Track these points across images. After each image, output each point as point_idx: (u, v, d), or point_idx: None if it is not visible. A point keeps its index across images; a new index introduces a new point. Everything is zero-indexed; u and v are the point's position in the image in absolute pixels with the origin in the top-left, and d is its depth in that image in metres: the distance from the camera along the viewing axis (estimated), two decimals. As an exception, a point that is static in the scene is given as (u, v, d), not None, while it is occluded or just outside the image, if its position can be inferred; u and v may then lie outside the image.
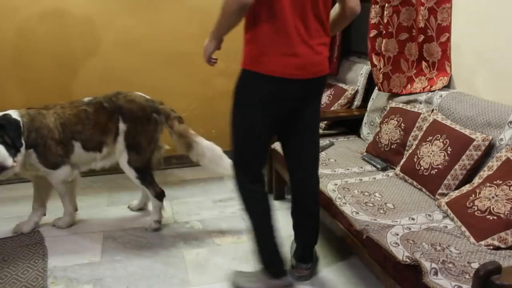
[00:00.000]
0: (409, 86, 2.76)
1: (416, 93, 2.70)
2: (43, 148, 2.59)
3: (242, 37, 1.89)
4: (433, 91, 2.59)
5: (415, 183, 2.33)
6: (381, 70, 2.86)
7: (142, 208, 3.08)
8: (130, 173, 2.73)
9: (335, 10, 2.04)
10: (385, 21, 2.76)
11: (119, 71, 3.49)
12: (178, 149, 2.81)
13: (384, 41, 2.79)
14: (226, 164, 2.66)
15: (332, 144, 3.03)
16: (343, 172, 2.56)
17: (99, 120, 2.67)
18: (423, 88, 2.65)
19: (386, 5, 2.74)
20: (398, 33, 2.74)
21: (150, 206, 2.89)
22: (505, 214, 1.77)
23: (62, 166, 2.67)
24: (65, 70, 3.40)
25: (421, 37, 2.62)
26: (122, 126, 2.67)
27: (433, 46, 2.59)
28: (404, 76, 2.78)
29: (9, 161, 2.41)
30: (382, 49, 2.81)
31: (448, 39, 2.53)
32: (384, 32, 2.79)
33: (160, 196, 2.80)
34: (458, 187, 2.12)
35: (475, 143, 2.11)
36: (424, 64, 2.68)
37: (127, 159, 2.70)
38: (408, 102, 2.74)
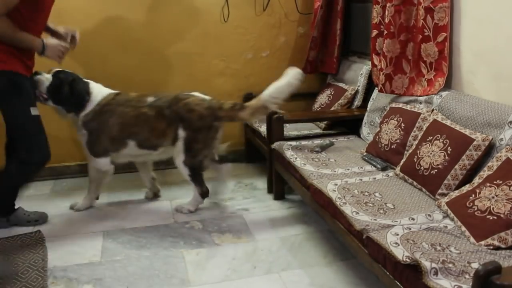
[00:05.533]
0: (411, 87, 2.74)
1: (416, 95, 2.70)
2: (94, 138, 2.79)
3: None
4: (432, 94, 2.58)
5: (415, 183, 2.33)
6: (383, 71, 2.84)
7: (156, 194, 3.22)
8: (184, 171, 2.88)
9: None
10: (386, 21, 2.75)
11: (119, 71, 3.47)
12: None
13: (385, 41, 2.78)
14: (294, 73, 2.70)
15: (332, 144, 3.03)
16: (343, 172, 2.56)
17: (158, 126, 2.79)
18: (423, 91, 2.64)
19: (388, 4, 2.73)
20: (399, 33, 2.73)
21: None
22: (505, 214, 1.77)
23: (102, 157, 2.85)
24: (65, 70, 3.39)
25: (419, 37, 2.60)
26: (181, 133, 2.78)
27: (430, 46, 2.57)
28: (406, 77, 2.77)
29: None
30: (384, 49, 2.80)
31: (446, 38, 2.49)
32: (385, 32, 2.78)
33: (204, 195, 2.97)
34: (458, 187, 2.12)
35: (475, 143, 2.11)
36: (422, 64, 2.67)
37: (183, 160, 2.84)
38: (408, 102, 2.74)
